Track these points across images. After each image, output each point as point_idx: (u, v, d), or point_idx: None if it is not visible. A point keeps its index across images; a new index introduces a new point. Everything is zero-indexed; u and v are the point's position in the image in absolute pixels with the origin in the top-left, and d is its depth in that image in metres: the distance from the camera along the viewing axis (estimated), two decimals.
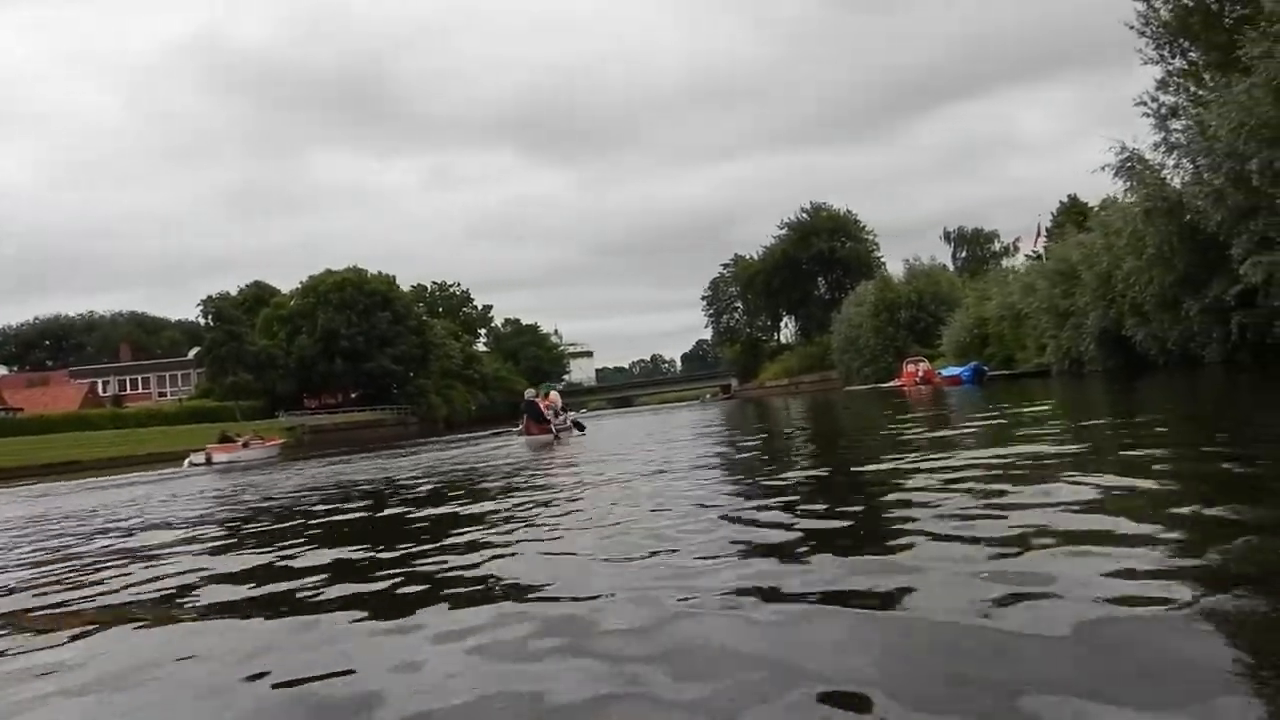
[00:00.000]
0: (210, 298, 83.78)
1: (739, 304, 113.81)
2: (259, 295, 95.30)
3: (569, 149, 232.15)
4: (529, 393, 22.65)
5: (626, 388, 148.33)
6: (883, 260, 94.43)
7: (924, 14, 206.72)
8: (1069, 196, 71.84)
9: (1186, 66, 30.53)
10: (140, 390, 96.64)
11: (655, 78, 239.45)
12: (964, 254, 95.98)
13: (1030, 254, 57.83)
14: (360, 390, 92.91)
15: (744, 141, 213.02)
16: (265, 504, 11.38)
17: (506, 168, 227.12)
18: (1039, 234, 62.93)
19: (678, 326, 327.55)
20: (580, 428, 23.81)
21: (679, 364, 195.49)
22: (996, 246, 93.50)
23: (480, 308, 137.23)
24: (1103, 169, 27.74)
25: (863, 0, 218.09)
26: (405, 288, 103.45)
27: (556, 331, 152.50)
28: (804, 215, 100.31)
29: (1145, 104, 29.33)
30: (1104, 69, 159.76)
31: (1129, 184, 27.33)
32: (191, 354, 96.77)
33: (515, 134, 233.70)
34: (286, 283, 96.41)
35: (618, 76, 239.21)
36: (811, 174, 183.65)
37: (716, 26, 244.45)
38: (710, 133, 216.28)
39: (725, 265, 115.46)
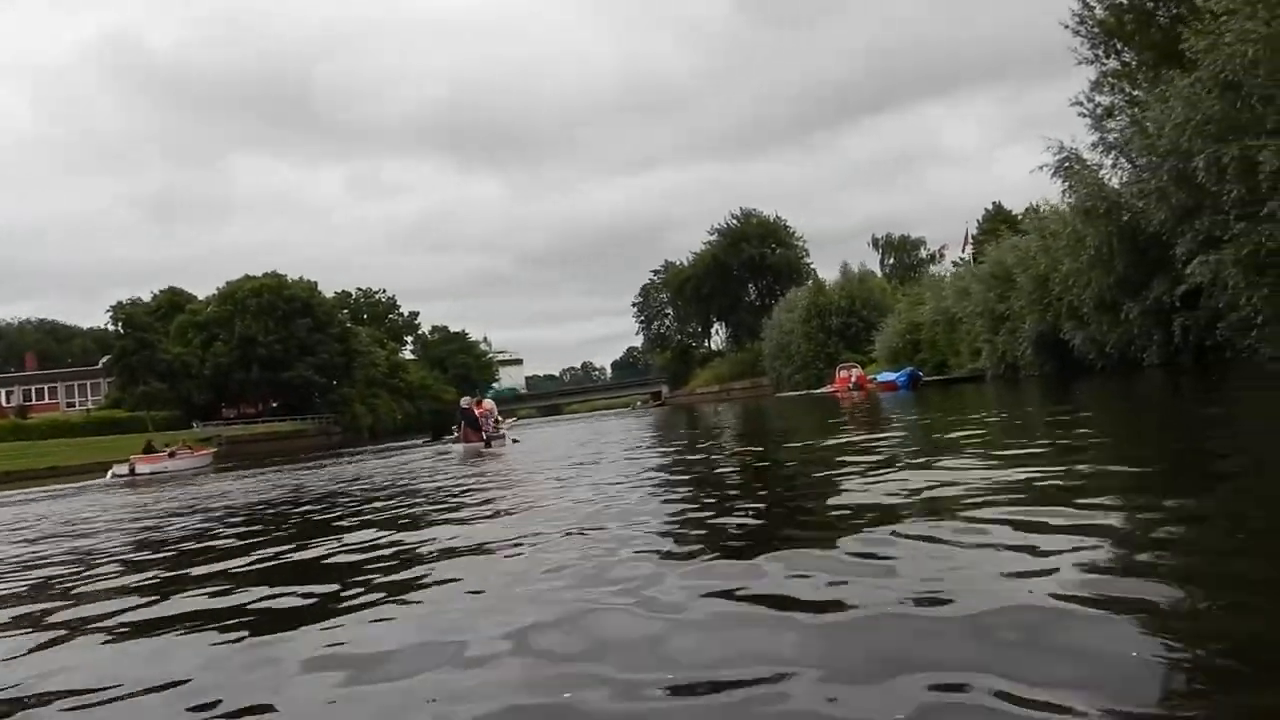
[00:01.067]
0: (120, 304, 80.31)
1: (670, 310, 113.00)
2: (174, 302, 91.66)
3: (498, 156, 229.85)
4: (464, 401, 22.94)
5: (556, 395, 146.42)
6: (813, 267, 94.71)
7: (845, 29, 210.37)
8: (993, 204, 73.00)
9: (1120, 67, 30.21)
10: (47, 400, 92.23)
11: (584, 86, 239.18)
12: (891, 261, 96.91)
13: (957, 260, 58.02)
14: (281, 400, 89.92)
15: (673, 151, 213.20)
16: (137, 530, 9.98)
17: (435, 175, 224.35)
18: (966, 240, 63.19)
19: (609, 334, 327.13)
20: (514, 440, 23.60)
21: (609, 371, 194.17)
22: (923, 253, 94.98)
23: (407, 315, 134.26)
24: (1041, 168, 27.19)
25: (785, 14, 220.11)
26: (329, 295, 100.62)
27: (486, 339, 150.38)
28: (734, 221, 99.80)
29: (1081, 104, 28.96)
30: (1021, 82, 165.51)
31: (1067, 184, 26.76)
32: (101, 363, 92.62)
33: (443, 141, 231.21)
34: (207, 291, 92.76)
35: (546, 85, 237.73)
36: (740, 183, 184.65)
37: (644, 37, 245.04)
38: (639, 142, 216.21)
39: (656, 271, 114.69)
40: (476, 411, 22.12)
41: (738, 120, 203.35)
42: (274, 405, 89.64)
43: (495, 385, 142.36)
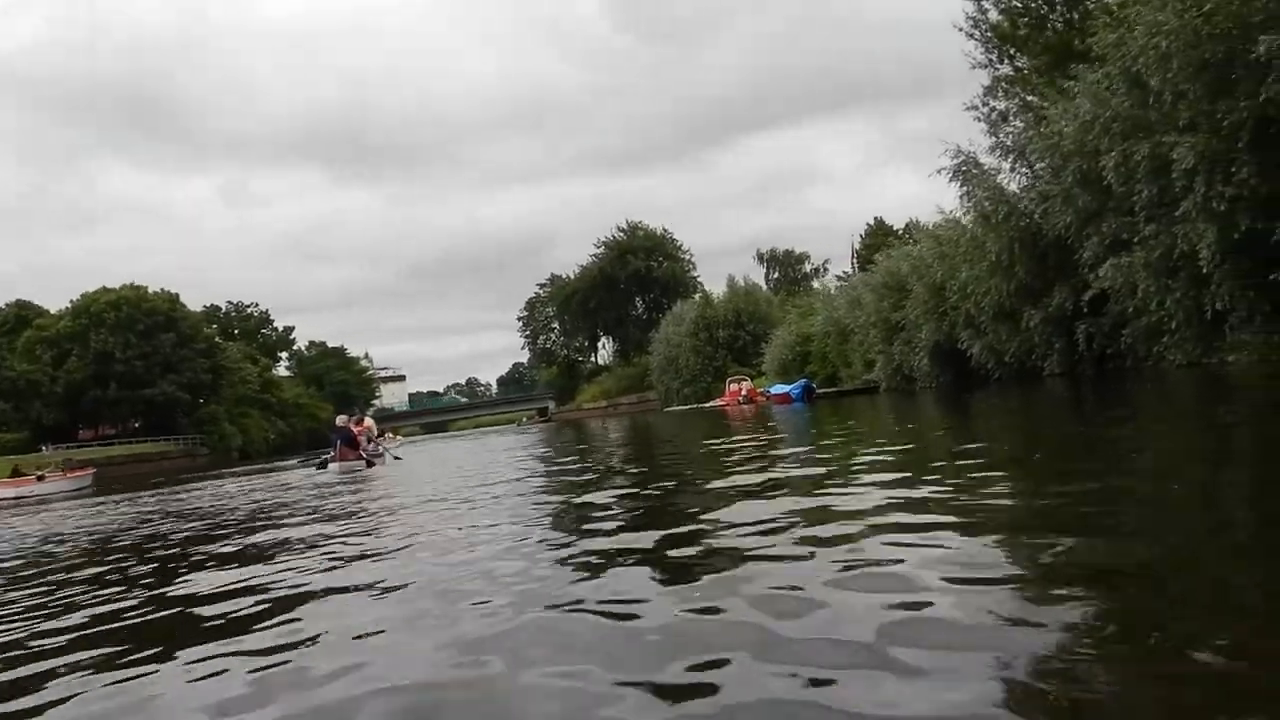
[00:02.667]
0: None
1: (556, 324, 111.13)
2: (21, 315, 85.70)
3: (376, 167, 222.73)
4: (340, 419, 22.62)
5: (440, 412, 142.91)
6: (699, 280, 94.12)
7: (725, 48, 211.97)
8: (875, 219, 74.04)
9: (1014, 73, 29.81)
10: None
11: (465, 98, 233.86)
12: (777, 275, 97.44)
13: (841, 275, 57.98)
14: (143, 420, 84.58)
15: (557, 165, 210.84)
16: None
17: (309, 185, 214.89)
18: (853, 255, 63.41)
19: (494, 349, 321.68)
20: (396, 458, 23.38)
21: (495, 387, 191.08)
22: (808, 268, 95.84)
23: (281, 329, 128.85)
24: (939, 172, 26.41)
25: (667, 32, 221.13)
26: (197, 308, 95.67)
27: (367, 355, 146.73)
28: (621, 234, 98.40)
29: (977, 109, 28.43)
30: (894, 103, 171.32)
31: (965, 188, 25.99)
32: None
33: (317, 150, 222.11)
34: (60, 305, 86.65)
35: (426, 96, 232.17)
36: (625, 198, 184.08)
37: (524, 50, 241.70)
38: (520, 155, 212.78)
39: (541, 285, 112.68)
40: (355, 430, 21.66)
41: (621, 136, 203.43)
42: (135, 425, 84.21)
43: (376, 402, 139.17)
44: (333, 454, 20.48)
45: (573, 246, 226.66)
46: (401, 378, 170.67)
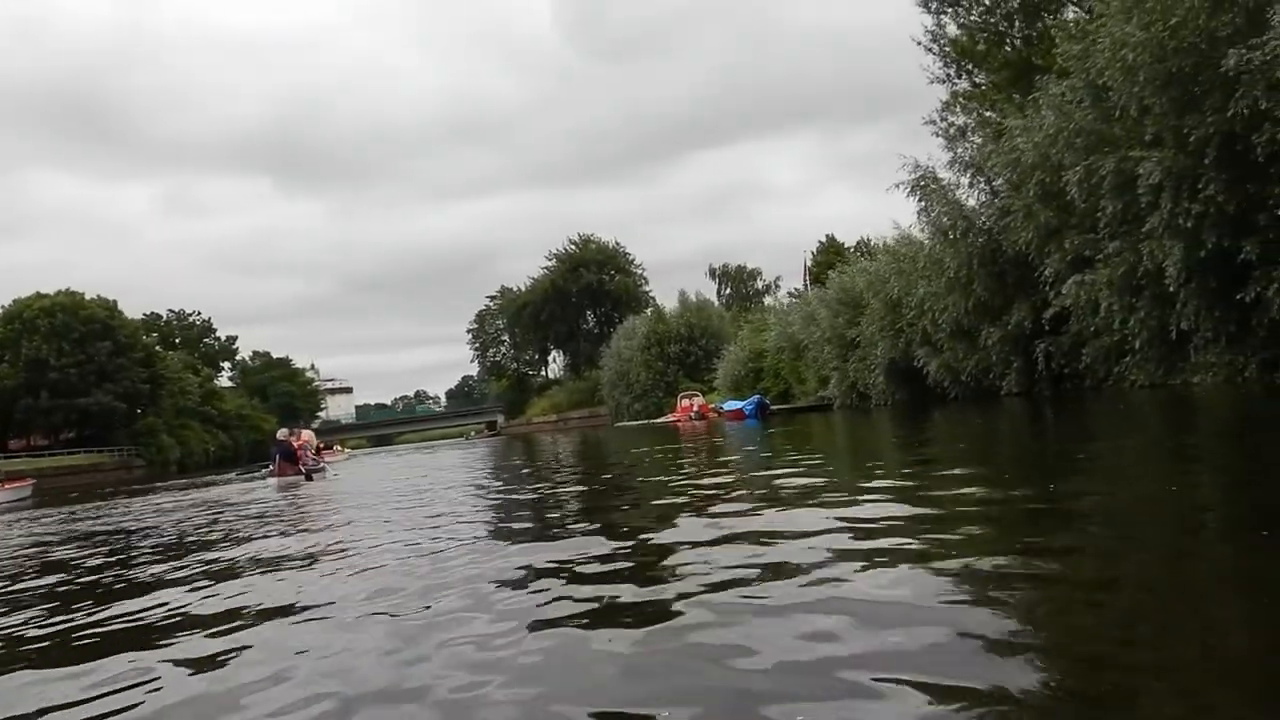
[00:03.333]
0: None
1: (506, 337, 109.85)
2: None
3: (321, 179, 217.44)
4: (281, 432, 22.70)
5: (387, 425, 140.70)
6: (652, 295, 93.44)
7: (672, 65, 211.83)
8: (827, 236, 74.04)
9: (971, 88, 29.59)
10: None
11: (411, 111, 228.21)
12: (729, 290, 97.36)
13: (792, 292, 57.64)
14: (79, 430, 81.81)
15: (503, 178, 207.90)
16: None
17: (253, 195, 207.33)
18: (806, 271, 63.21)
19: (443, 362, 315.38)
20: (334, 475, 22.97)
21: (444, 400, 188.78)
22: (759, 284, 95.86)
23: (224, 339, 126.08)
24: (896, 186, 25.94)
25: (614, 49, 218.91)
26: (136, 316, 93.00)
27: (313, 366, 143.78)
28: (573, 247, 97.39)
29: (935, 123, 28.11)
30: (840, 122, 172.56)
31: (923, 203, 25.54)
32: None
33: (262, 161, 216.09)
34: None
35: (372, 107, 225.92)
36: (572, 213, 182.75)
37: (470, 63, 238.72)
38: (468, 168, 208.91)
39: (492, 297, 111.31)
40: (294, 444, 21.76)
41: (569, 151, 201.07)
42: (69, 436, 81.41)
43: (321, 414, 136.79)
44: (271, 467, 20.62)
45: (520, 261, 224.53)
46: (349, 390, 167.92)
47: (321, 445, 54.41)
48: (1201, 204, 16.06)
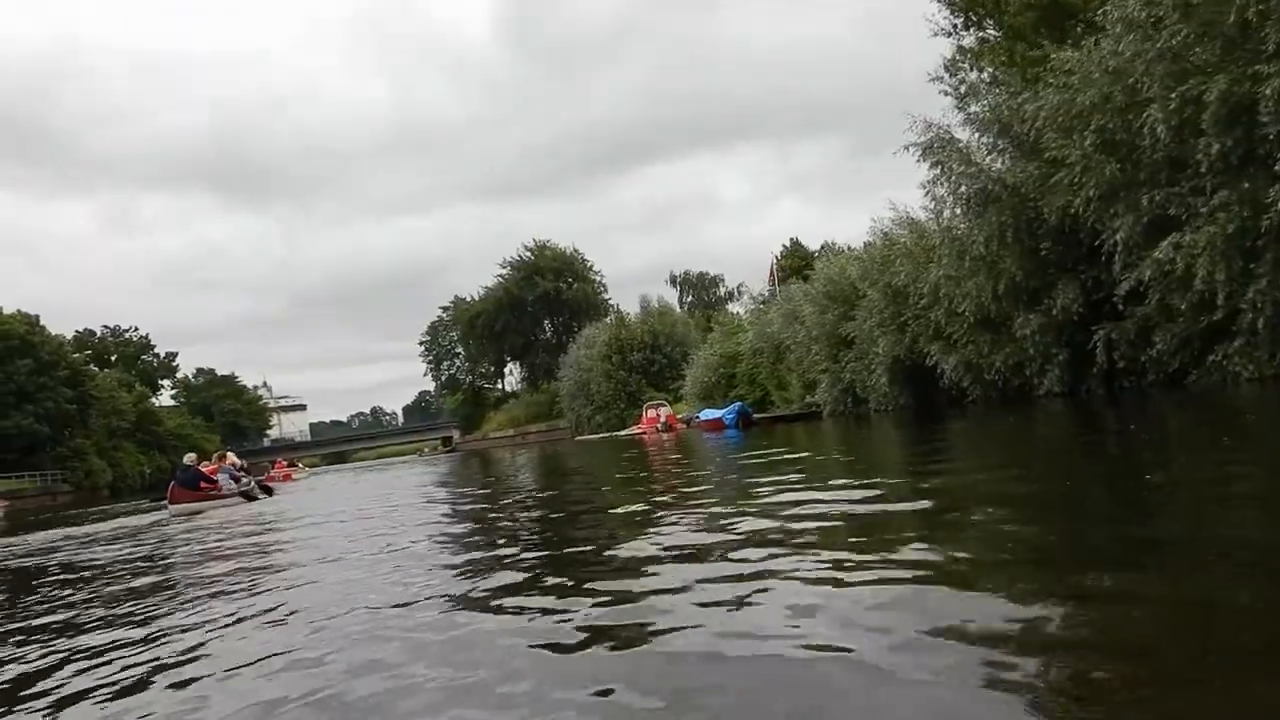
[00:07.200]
0: None
1: (460, 349, 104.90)
2: None
3: (263, 195, 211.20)
4: (189, 457, 21.96)
5: (342, 442, 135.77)
6: (612, 303, 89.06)
7: (616, 80, 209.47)
8: (791, 240, 70.99)
9: (978, 45, 25.56)
10: None
11: (356, 126, 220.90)
12: (690, 298, 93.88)
13: (759, 295, 53.89)
14: None
15: (448, 193, 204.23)
16: None
17: (195, 212, 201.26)
18: (772, 274, 59.71)
19: (399, 378, 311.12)
20: (268, 491, 23.00)
21: (401, 416, 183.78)
22: (722, 291, 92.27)
23: (163, 356, 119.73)
24: (905, 149, 21.73)
25: (560, 64, 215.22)
26: (69, 334, 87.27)
27: (265, 384, 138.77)
28: (528, 253, 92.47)
29: (942, 79, 23.99)
30: (786, 138, 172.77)
31: (938, 169, 21.32)
32: None
33: (202, 177, 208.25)
34: None
35: (314, 122, 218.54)
36: (522, 226, 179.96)
37: (414, 77, 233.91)
38: (412, 183, 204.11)
39: (445, 308, 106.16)
40: (208, 468, 21.39)
41: (512, 164, 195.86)
42: None
43: (270, 432, 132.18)
44: (167, 495, 19.62)
45: (468, 274, 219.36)
46: (303, 407, 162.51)
47: (286, 463, 50.53)
48: None
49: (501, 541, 7.28)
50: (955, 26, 25.12)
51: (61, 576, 8.87)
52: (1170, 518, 4.80)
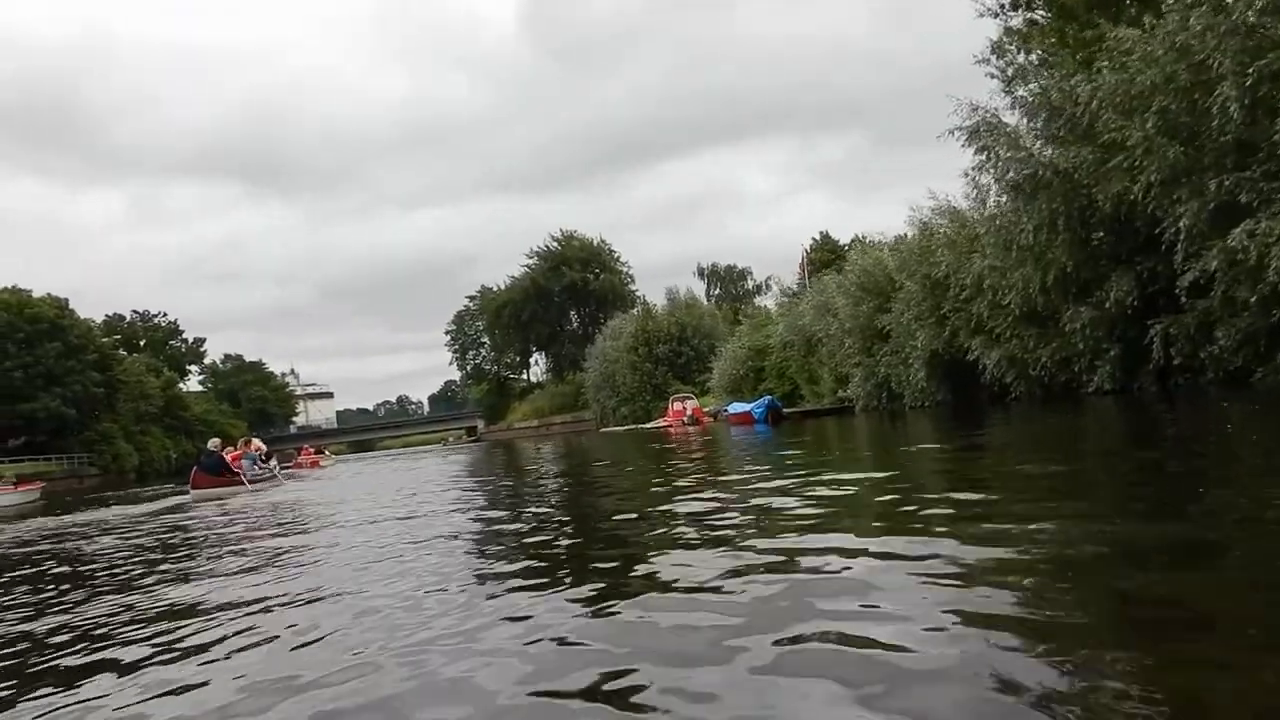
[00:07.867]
0: None
1: (486, 339, 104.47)
2: None
3: (291, 185, 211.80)
4: (213, 443, 21.93)
5: (367, 430, 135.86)
6: (639, 294, 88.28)
7: (639, 72, 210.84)
8: (821, 233, 70.03)
9: (1025, 26, 24.56)
10: None
11: (380, 119, 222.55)
12: (718, 291, 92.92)
13: (789, 288, 53.08)
14: (24, 437, 76.10)
15: (472, 186, 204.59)
16: None
17: (223, 201, 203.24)
18: (803, 266, 59.03)
19: (427, 367, 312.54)
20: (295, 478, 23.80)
21: (427, 405, 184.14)
22: (750, 284, 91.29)
23: (191, 342, 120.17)
24: (950, 133, 20.80)
25: (581, 58, 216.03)
26: (98, 318, 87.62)
27: (293, 371, 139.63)
28: (555, 243, 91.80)
29: (988, 62, 23.02)
30: (809, 132, 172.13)
31: (985, 154, 20.39)
32: None
33: (232, 168, 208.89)
34: None
35: (340, 115, 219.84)
36: (545, 219, 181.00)
37: (436, 71, 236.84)
38: (438, 175, 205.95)
39: (471, 298, 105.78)
40: (229, 455, 21.55)
41: (537, 158, 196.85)
42: (12, 443, 75.64)
43: (296, 420, 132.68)
44: (190, 480, 19.99)
45: (492, 267, 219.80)
46: (330, 395, 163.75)
47: (313, 450, 50.45)
48: None
49: (525, 531, 7.09)
50: (1003, 7, 24.11)
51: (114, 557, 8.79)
52: None
